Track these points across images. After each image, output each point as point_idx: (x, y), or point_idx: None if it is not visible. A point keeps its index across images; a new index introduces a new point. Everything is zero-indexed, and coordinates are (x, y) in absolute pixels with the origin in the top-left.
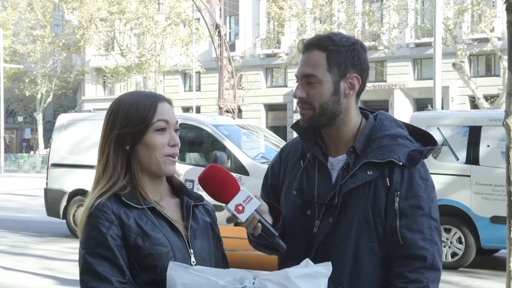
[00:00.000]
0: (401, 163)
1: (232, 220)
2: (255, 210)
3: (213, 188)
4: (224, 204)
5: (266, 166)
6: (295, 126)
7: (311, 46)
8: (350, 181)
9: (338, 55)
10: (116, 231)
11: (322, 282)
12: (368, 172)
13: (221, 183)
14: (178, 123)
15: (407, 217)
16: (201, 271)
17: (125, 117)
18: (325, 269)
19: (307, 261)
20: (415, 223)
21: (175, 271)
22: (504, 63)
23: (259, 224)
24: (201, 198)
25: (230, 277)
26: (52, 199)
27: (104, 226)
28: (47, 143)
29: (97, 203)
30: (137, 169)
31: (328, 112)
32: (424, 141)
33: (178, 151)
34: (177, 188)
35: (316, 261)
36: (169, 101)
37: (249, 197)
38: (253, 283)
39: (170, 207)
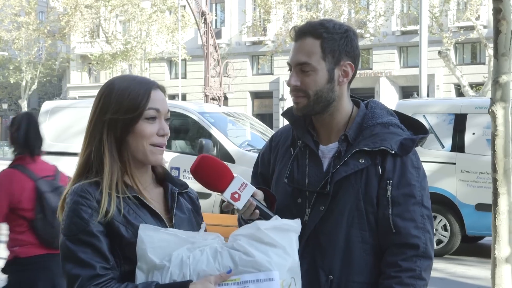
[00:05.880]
0: (393, 152)
1: (229, 207)
2: (252, 195)
3: (207, 179)
4: (219, 193)
5: (252, 154)
6: (286, 114)
7: (304, 33)
8: (342, 169)
9: (332, 43)
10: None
11: (293, 237)
12: (360, 160)
13: (214, 173)
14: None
15: (400, 206)
16: (172, 230)
17: (117, 103)
18: (295, 223)
19: (276, 217)
20: (408, 212)
21: (144, 231)
22: (490, 51)
23: (257, 211)
24: (185, 186)
25: (200, 235)
26: None
27: (86, 213)
28: None
29: (79, 189)
30: (128, 157)
31: (322, 100)
32: (415, 129)
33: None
34: (161, 177)
35: (306, 249)
36: (162, 89)
37: (244, 184)
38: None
39: (154, 197)
